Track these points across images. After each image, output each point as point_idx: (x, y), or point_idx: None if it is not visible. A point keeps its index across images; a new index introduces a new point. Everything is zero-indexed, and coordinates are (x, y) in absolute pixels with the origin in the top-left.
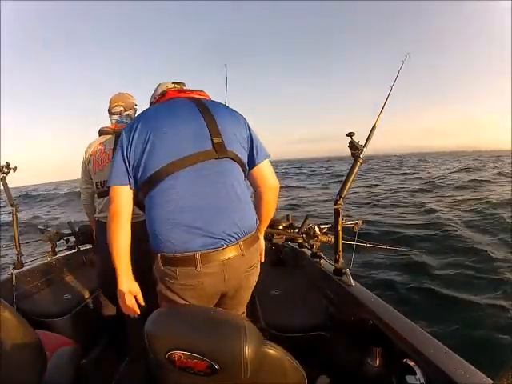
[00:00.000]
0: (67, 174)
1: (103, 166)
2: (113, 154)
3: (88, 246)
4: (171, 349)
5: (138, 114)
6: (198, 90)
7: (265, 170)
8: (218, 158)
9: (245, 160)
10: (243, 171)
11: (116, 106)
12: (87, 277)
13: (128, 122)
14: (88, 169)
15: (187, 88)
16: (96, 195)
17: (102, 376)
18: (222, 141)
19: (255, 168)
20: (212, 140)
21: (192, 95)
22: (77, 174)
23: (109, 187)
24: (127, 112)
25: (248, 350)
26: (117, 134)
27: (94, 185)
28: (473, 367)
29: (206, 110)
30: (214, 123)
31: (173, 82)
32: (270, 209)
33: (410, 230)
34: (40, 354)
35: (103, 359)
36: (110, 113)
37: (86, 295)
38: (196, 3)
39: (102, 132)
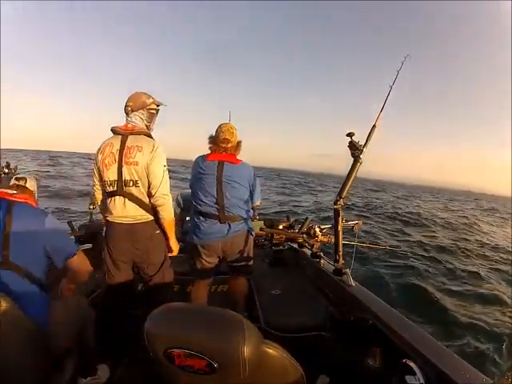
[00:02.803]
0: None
1: (110, 165)
2: (119, 155)
3: (88, 246)
4: (170, 347)
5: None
6: None
7: None
8: None
9: None
10: None
11: (126, 105)
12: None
13: (137, 122)
14: (98, 167)
15: None
16: (106, 194)
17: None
18: None
19: None
20: None
21: None
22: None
23: (117, 188)
24: (135, 112)
25: (246, 349)
26: (125, 134)
27: (104, 184)
28: (473, 367)
29: None
30: None
31: None
32: None
33: None
34: (45, 351)
35: (103, 359)
36: (124, 111)
37: (86, 295)
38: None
39: (112, 131)
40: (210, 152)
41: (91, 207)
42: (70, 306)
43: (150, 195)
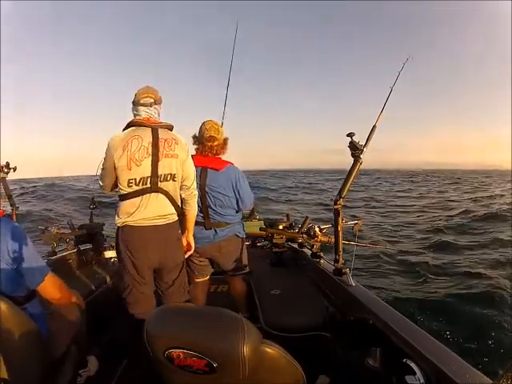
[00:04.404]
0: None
1: (142, 160)
2: (152, 148)
3: (88, 246)
4: (170, 347)
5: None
6: None
7: None
8: None
9: None
10: None
11: (146, 96)
12: (87, 276)
13: (157, 116)
14: (120, 165)
15: None
16: (122, 196)
17: (102, 375)
18: None
19: None
20: None
21: None
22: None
23: (150, 185)
24: (156, 105)
25: (246, 349)
26: (153, 127)
27: (126, 183)
28: (472, 367)
29: None
30: None
31: None
32: None
33: None
34: (46, 351)
35: (103, 359)
36: (139, 104)
37: (86, 295)
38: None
39: (133, 124)
40: (194, 153)
41: (91, 207)
42: (67, 313)
43: (183, 188)
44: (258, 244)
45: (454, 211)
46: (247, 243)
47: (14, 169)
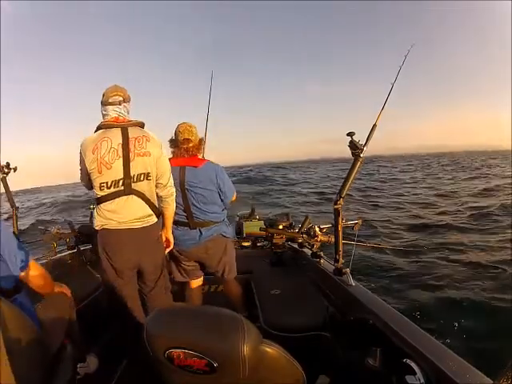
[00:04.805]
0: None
1: (112, 162)
2: (123, 149)
3: (88, 246)
4: (170, 347)
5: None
6: None
7: None
8: None
9: None
10: None
11: (115, 95)
12: (87, 277)
13: (126, 114)
14: (91, 169)
15: None
16: (97, 199)
17: (102, 375)
18: None
19: None
20: None
21: None
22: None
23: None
24: (125, 104)
25: (246, 349)
26: (122, 126)
27: (98, 187)
28: (473, 367)
29: None
30: None
31: None
32: None
33: None
34: (43, 350)
35: (103, 359)
36: (107, 103)
37: (86, 295)
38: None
39: (102, 126)
40: (172, 156)
41: (91, 207)
42: (56, 305)
43: (159, 186)
44: (258, 244)
45: (460, 203)
46: (247, 243)
47: (15, 169)
